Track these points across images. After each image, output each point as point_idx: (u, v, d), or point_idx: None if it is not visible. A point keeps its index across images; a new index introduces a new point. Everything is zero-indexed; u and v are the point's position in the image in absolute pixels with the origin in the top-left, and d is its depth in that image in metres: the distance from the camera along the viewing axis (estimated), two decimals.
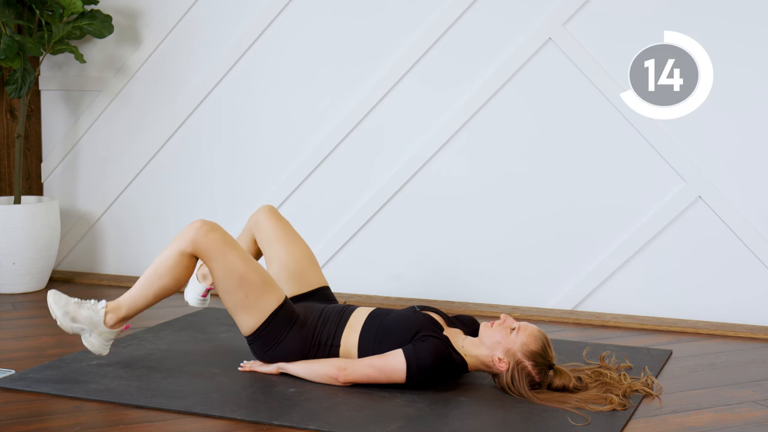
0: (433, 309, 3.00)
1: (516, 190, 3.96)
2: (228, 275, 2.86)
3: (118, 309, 2.94)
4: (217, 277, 2.88)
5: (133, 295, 2.94)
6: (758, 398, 2.87)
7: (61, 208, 4.60)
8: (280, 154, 4.27)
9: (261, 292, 2.89)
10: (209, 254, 2.86)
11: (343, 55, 4.14)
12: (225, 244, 2.87)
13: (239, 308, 2.89)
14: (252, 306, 2.88)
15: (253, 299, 2.88)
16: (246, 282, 2.87)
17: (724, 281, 3.74)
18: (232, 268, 2.86)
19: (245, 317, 2.90)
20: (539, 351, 2.77)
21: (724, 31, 3.65)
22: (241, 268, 2.86)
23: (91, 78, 4.52)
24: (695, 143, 3.74)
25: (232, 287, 2.87)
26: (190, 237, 2.87)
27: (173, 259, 2.89)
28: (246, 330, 2.93)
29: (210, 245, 2.86)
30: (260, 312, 2.89)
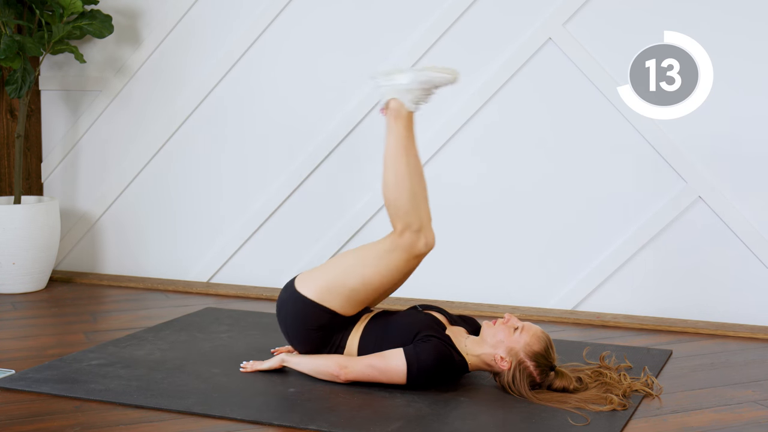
0: (435, 308, 3.00)
1: (516, 190, 3.96)
2: (370, 258, 2.85)
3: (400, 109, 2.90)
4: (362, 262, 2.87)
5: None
6: (758, 398, 2.87)
7: (61, 208, 4.60)
8: (280, 154, 4.27)
9: (356, 292, 2.87)
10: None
11: (343, 55, 4.14)
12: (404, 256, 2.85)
13: (340, 279, 2.86)
14: (340, 287, 2.86)
15: (348, 288, 2.86)
16: (369, 277, 2.85)
17: (724, 281, 3.74)
18: (379, 259, 2.85)
19: (331, 286, 2.87)
20: (542, 352, 2.77)
21: (724, 31, 3.65)
22: (376, 269, 2.85)
23: (91, 78, 4.52)
24: (695, 143, 3.74)
25: (361, 266, 2.86)
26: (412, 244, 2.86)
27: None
28: (315, 290, 2.89)
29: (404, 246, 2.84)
30: (335, 298, 2.86)
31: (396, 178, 2.86)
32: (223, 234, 4.38)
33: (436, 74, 2.87)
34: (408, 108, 2.89)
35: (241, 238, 4.33)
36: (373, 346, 2.88)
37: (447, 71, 2.87)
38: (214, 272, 4.40)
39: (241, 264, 4.36)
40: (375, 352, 2.87)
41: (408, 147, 2.89)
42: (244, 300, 4.14)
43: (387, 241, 2.87)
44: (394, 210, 2.86)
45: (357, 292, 2.87)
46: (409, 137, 2.90)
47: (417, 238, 2.85)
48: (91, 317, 3.82)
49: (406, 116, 2.90)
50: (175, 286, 4.33)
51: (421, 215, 2.86)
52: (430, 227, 2.89)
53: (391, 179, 2.87)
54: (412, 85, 2.87)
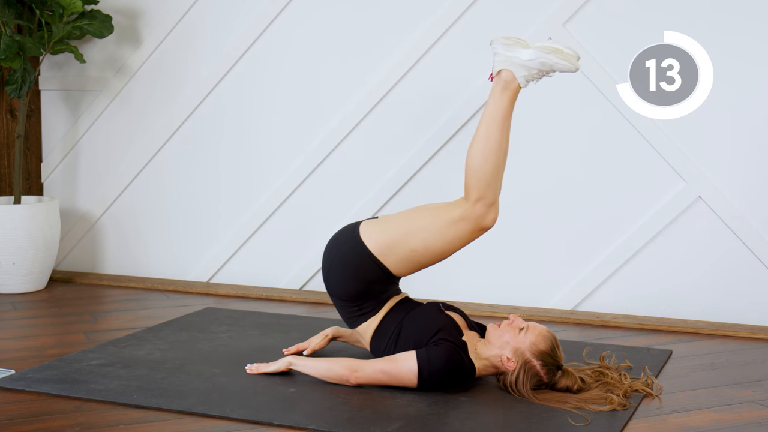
0: (455, 309, 2.99)
1: (516, 190, 3.96)
2: (438, 223, 2.85)
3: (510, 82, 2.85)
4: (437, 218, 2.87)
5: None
6: (758, 398, 2.87)
7: (61, 208, 4.60)
8: (281, 154, 4.27)
9: (416, 254, 2.87)
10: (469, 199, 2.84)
11: (344, 55, 4.14)
12: (470, 222, 2.84)
13: (405, 239, 2.87)
14: (403, 247, 2.86)
15: (410, 249, 2.86)
16: (432, 242, 2.85)
17: (724, 281, 3.74)
18: (446, 226, 2.85)
19: (394, 243, 2.87)
20: (548, 350, 2.77)
21: (724, 30, 3.65)
22: (441, 236, 2.85)
23: (91, 78, 4.52)
24: (695, 143, 3.74)
25: (427, 229, 2.86)
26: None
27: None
28: (378, 243, 2.88)
29: (474, 210, 2.83)
30: (394, 256, 2.86)
31: (487, 146, 2.83)
32: (223, 234, 4.38)
33: (558, 60, 2.79)
34: (520, 83, 2.83)
35: (241, 238, 4.33)
36: (391, 333, 2.89)
37: (571, 59, 2.80)
38: (214, 272, 4.40)
39: (241, 264, 4.36)
40: (389, 341, 2.87)
41: (506, 120, 2.85)
42: (244, 300, 4.14)
43: (458, 210, 2.85)
44: (475, 178, 2.83)
45: (418, 255, 2.87)
46: (509, 111, 2.86)
47: (488, 211, 2.83)
48: (91, 317, 3.82)
49: (514, 90, 2.84)
50: (175, 286, 4.33)
51: (496, 190, 2.85)
52: (498, 204, 2.88)
53: (481, 146, 2.83)
54: (532, 63, 2.80)
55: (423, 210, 2.93)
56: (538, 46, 2.81)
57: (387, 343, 2.90)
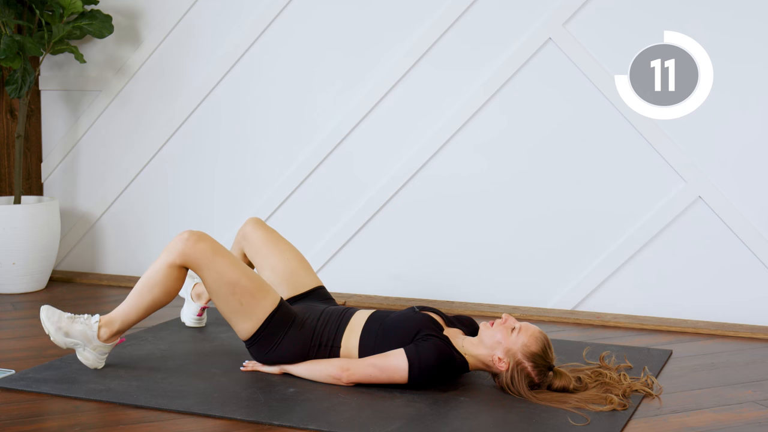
0: (432, 309, 3.00)
1: (516, 191, 3.96)
2: (220, 282, 2.86)
3: (112, 323, 2.95)
4: (209, 286, 2.88)
5: (126, 308, 2.94)
6: (758, 398, 2.87)
7: (61, 208, 4.60)
8: (280, 154, 4.27)
9: (255, 297, 2.88)
10: (199, 264, 2.86)
11: (343, 56, 4.14)
12: (214, 252, 2.87)
13: (235, 314, 2.89)
14: (247, 311, 2.88)
15: (248, 304, 2.88)
16: (239, 288, 2.86)
17: (724, 281, 3.74)
18: (224, 275, 2.86)
19: (242, 323, 2.90)
20: (539, 352, 2.77)
21: (724, 30, 3.65)
22: (232, 275, 2.86)
23: (91, 78, 4.52)
24: (695, 143, 3.74)
25: (226, 294, 2.87)
26: (179, 248, 2.87)
27: (163, 271, 2.89)
28: (244, 335, 2.93)
29: (199, 255, 2.86)
30: (256, 316, 2.89)
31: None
32: (223, 234, 4.37)
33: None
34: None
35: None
36: (373, 345, 2.88)
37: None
38: None
39: None
40: (375, 351, 2.87)
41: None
42: None
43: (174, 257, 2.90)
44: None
45: (245, 292, 2.87)
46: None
47: (184, 242, 2.89)
48: None
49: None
50: None
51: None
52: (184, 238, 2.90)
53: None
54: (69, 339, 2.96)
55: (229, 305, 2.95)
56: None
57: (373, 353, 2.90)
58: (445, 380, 2.86)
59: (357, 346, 2.91)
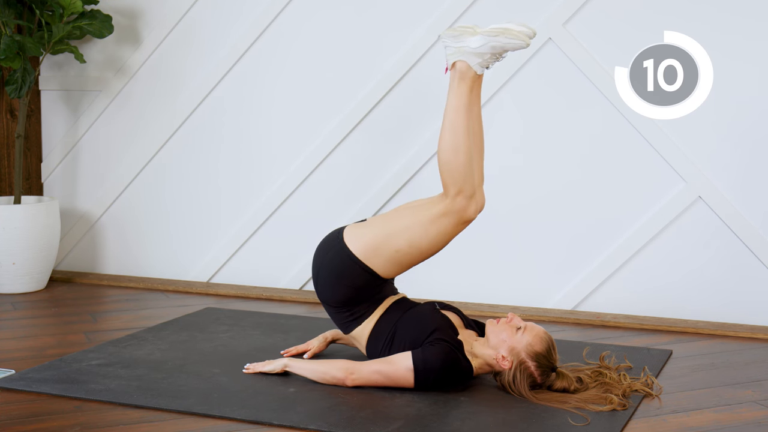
0: (452, 308, 2.99)
1: (516, 190, 3.96)
2: (421, 226, 2.82)
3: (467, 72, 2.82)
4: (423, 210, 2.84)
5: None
6: (758, 398, 2.87)
7: (61, 208, 4.60)
8: (280, 154, 4.27)
9: (402, 254, 2.85)
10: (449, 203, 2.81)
11: (343, 54, 4.14)
12: (444, 214, 2.81)
13: (389, 240, 2.84)
14: (388, 248, 2.84)
15: (395, 250, 2.84)
16: (412, 243, 2.82)
17: (724, 281, 3.74)
18: (425, 229, 2.82)
19: (379, 245, 2.85)
20: (543, 353, 2.77)
21: (725, 30, 3.65)
22: (424, 237, 2.82)
23: (91, 78, 4.52)
24: (695, 143, 3.74)
25: (410, 228, 2.83)
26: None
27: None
28: (360, 251, 2.87)
29: (454, 206, 2.80)
30: (380, 258, 2.85)
31: (455, 139, 2.79)
32: (223, 234, 4.38)
33: (508, 40, 2.75)
34: (476, 70, 2.81)
35: (241, 238, 4.33)
36: (386, 334, 2.88)
37: (519, 37, 2.75)
38: (214, 272, 4.40)
39: (241, 264, 4.36)
40: (386, 339, 2.87)
41: (470, 109, 2.82)
42: (244, 300, 4.14)
43: (439, 206, 2.82)
44: (449, 173, 2.79)
45: (403, 254, 2.85)
46: (472, 99, 2.82)
47: (468, 203, 2.81)
48: (91, 317, 3.82)
49: (471, 78, 2.81)
50: (175, 286, 4.33)
51: (474, 180, 2.82)
52: (482, 191, 2.86)
53: (449, 140, 2.80)
54: (482, 49, 2.77)
55: (405, 209, 2.91)
56: (486, 31, 2.78)
57: (383, 346, 2.90)
58: (450, 385, 2.85)
59: (369, 332, 2.91)
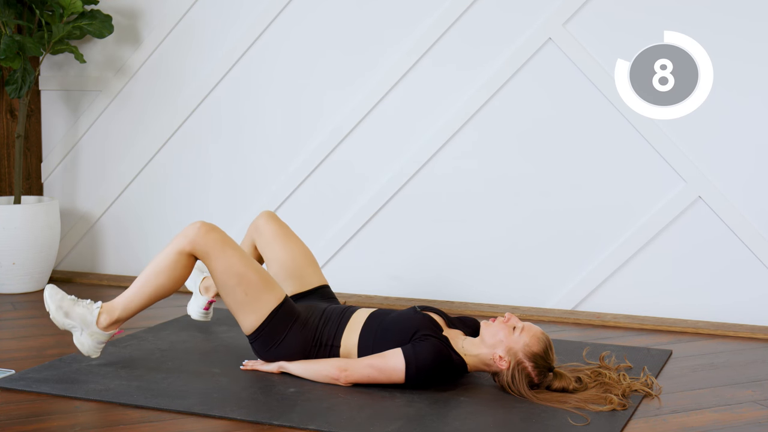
0: (434, 309, 3.00)
1: (516, 190, 3.96)
2: (227, 273, 2.88)
3: (112, 310, 2.95)
4: (216, 276, 2.89)
5: (129, 295, 2.94)
6: (758, 398, 2.87)
7: (61, 208, 4.60)
8: (280, 154, 4.27)
9: (260, 291, 2.90)
10: (208, 253, 2.88)
11: (343, 55, 4.14)
12: (224, 243, 2.90)
13: (239, 307, 2.91)
14: (252, 304, 2.90)
15: (252, 298, 2.89)
16: (245, 280, 2.88)
17: (724, 281, 3.74)
18: (231, 266, 2.88)
19: (246, 316, 2.91)
20: (540, 353, 2.77)
21: (724, 30, 3.65)
22: (240, 267, 2.88)
23: (91, 78, 4.52)
24: (695, 143, 3.74)
25: (232, 286, 2.89)
26: (189, 236, 2.89)
27: (171, 257, 2.90)
28: (247, 329, 2.94)
29: (209, 244, 2.88)
30: (260, 311, 2.90)
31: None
32: None
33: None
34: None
35: (241, 238, 4.33)
36: (372, 344, 2.88)
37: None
38: None
39: None
40: (373, 350, 2.87)
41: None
42: None
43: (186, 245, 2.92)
44: None
45: (251, 285, 2.89)
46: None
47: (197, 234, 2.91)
48: None
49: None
50: None
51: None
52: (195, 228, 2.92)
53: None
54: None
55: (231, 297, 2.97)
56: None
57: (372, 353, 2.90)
58: (443, 381, 2.85)
59: (356, 345, 2.91)
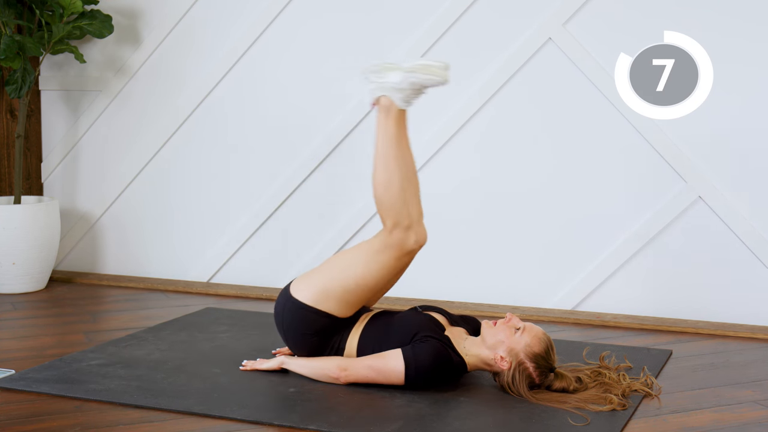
0: (436, 308, 3.00)
1: (516, 190, 3.96)
2: (365, 262, 2.84)
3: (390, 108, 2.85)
4: (364, 251, 2.85)
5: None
6: (758, 398, 2.87)
7: (61, 208, 4.60)
8: (280, 154, 4.27)
9: (349, 295, 2.86)
10: (385, 242, 2.82)
11: (343, 55, 4.14)
12: (388, 248, 2.83)
13: (336, 286, 2.85)
14: (337, 292, 2.85)
15: (344, 292, 2.85)
16: (363, 282, 2.84)
17: (724, 281, 3.74)
18: (372, 264, 2.83)
19: (327, 292, 2.86)
20: (542, 353, 2.77)
21: (724, 31, 3.65)
22: (372, 271, 2.84)
23: (91, 78, 4.52)
24: (695, 143, 3.74)
25: (355, 272, 2.84)
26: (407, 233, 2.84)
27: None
28: (309, 298, 2.87)
29: (393, 238, 2.81)
30: (330, 301, 2.86)
31: (385, 174, 2.84)
32: (223, 234, 4.38)
33: (425, 76, 2.81)
34: (398, 106, 2.86)
35: (241, 238, 4.33)
36: (372, 346, 2.88)
37: (438, 74, 2.81)
38: (214, 272, 4.40)
39: (241, 264, 4.36)
40: (373, 351, 2.87)
41: (398, 143, 2.86)
42: (244, 300, 4.14)
43: (377, 240, 2.86)
44: (383, 207, 2.84)
45: (352, 293, 2.86)
46: (399, 134, 2.86)
47: (406, 235, 2.83)
48: (91, 317, 3.82)
49: (396, 113, 2.86)
50: (175, 286, 4.33)
51: (411, 212, 2.84)
52: (421, 223, 2.87)
53: (380, 176, 2.85)
54: (402, 85, 2.83)
55: (347, 250, 2.94)
56: (405, 67, 2.83)
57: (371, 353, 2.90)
58: (442, 382, 2.85)
59: (356, 346, 2.91)
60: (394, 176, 2.84)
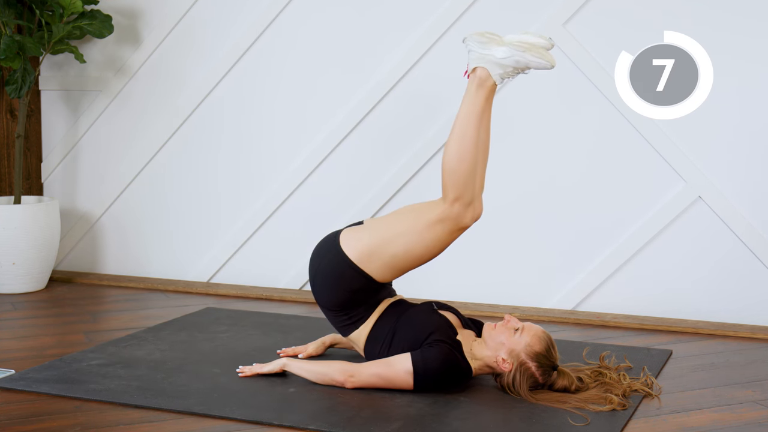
0: (450, 308, 2.98)
1: (516, 190, 3.96)
2: (416, 231, 2.81)
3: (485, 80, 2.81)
4: (416, 214, 2.84)
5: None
6: (758, 398, 2.87)
7: (61, 208, 4.60)
8: (280, 154, 4.27)
9: (392, 259, 2.84)
10: (445, 212, 2.80)
11: (343, 55, 4.14)
12: (438, 223, 2.81)
13: (385, 245, 2.83)
14: (379, 254, 2.84)
15: (388, 254, 2.83)
16: (409, 249, 2.82)
17: (724, 281, 3.74)
18: (423, 237, 2.81)
19: (375, 250, 2.85)
20: (543, 352, 2.77)
21: (724, 31, 3.65)
22: (421, 242, 2.81)
23: (91, 78, 4.52)
24: (695, 143, 3.74)
25: (405, 239, 2.82)
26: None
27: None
28: (357, 255, 2.86)
29: (451, 211, 2.80)
30: (375, 263, 2.84)
31: (461, 146, 2.80)
32: (223, 234, 4.38)
33: (533, 58, 2.74)
34: (495, 81, 2.80)
35: (241, 238, 4.34)
36: (385, 335, 2.87)
37: (546, 57, 2.74)
38: (214, 272, 4.40)
39: (241, 264, 4.36)
40: (385, 340, 2.87)
41: (481, 118, 2.82)
42: (244, 300, 4.14)
43: (436, 211, 2.82)
44: (452, 178, 2.79)
45: (399, 260, 2.84)
46: (486, 108, 2.82)
47: (465, 210, 2.81)
48: (91, 317, 3.82)
49: (489, 87, 2.80)
50: (175, 286, 4.33)
51: (475, 189, 2.82)
52: (480, 199, 2.85)
53: (456, 145, 2.80)
54: (506, 61, 2.76)
55: (403, 213, 2.90)
56: (514, 43, 2.76)
57: (380, 348, 2.89)
58: (450, 386, 2.85)
59: (366, 335, 2.90)
60: (469, 150, 2.79)
